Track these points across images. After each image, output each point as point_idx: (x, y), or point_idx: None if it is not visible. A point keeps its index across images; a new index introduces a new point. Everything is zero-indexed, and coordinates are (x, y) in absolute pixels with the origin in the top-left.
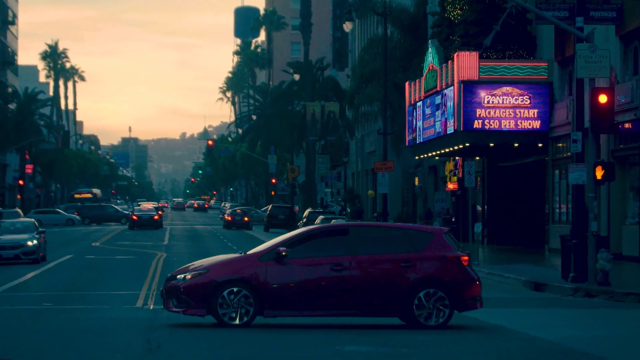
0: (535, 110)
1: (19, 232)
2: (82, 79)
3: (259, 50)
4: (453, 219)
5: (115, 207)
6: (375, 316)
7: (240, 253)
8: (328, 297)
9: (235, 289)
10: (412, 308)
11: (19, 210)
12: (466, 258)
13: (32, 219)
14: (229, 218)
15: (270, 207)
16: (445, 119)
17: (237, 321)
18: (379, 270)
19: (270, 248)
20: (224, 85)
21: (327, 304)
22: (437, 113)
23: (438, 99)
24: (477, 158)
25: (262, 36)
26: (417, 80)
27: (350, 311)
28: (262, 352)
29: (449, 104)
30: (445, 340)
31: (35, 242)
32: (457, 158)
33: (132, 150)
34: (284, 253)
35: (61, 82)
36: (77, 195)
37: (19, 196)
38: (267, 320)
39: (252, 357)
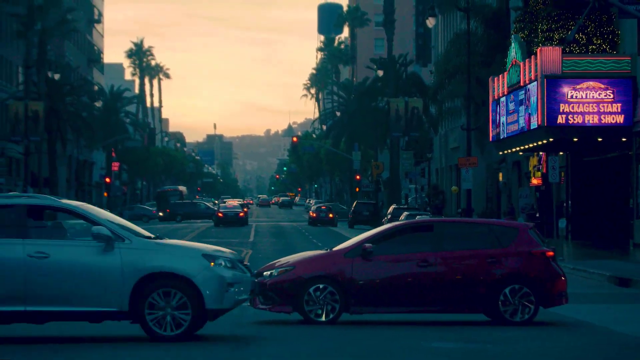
0: (619, 105)
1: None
2: (167, 76)
3: (342, 46)
4: (537, 215)
5: (207, 204)
6: (460, 312)
7: (326, 249)
8: (413, 294)
9: (321, 286)
10: (497, 304)
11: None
12: (551, 253)
13: None
14: (314, 214)
15: (354, 203)
16: (529, 114)
17: (323, 318)
18: (465, 266)
19: (356, 244)
20: (308, 81)
21: (412, 300)
22: (520, 108)
23: (521, 94)
24: (561, 153)
25: (346, 32)
26: (500, 76)
27: (436, 307)
28: (349, 347)
29: (533, 99)
30: (530, 336)
31: None
32: (540, 153)
33: (217, 147)
34: (369, 249)
35: (146, 80)
36: (163, 193)
37: (105, 194)
38: (352, 317)
39: (339, 352)
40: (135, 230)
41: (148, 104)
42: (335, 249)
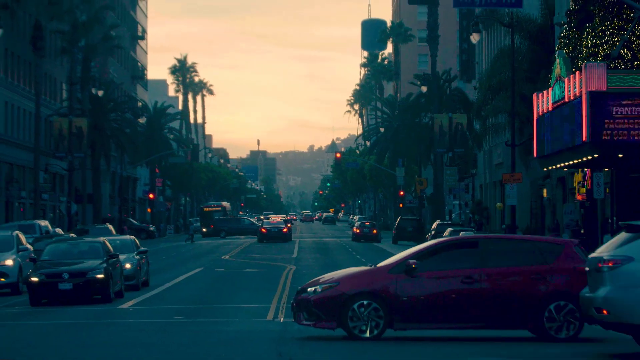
0: None
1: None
2: (211, 92)
3: (386, 62)
4: (582, 231)
5: (251, 220)
6: (504, 329)
7: (370, 266)
8: (458, 310)
9: (365, 302)
10: (542, 321)
11: (110, 226)
12: None
13: (132, 237)
14: (357, 230)
15: (398, 219)
16: (573, 130)
17: (367, 334)
18: (509, 282)
19: (400, 260)
20: (352, 97)
21: (457, 316)
22: (565, 124)
23: (566, 110)
24: (606, 169)
25: (389, 48)
26: (544, 91)
27: (480, 324)
28: None
29: (577, 115)
30: (574, 352)
31: (133, 264)
32: (585, 169)
33: (260, 163)
34: (414, 266)
35: (190, 96)
36: (206, 209)
37: (149, 210)
38: (396, 333)
39: None
40: None
41: (192, 120)
42: (379, 265)
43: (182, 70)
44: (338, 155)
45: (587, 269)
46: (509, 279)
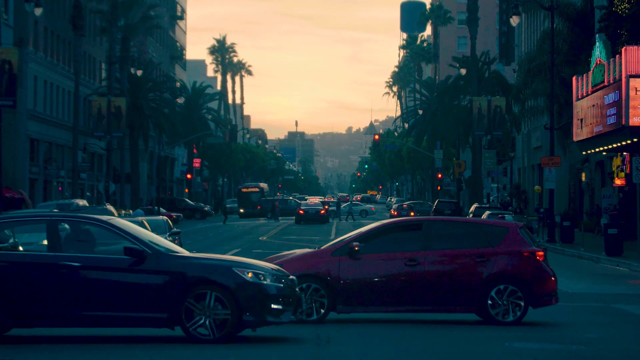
0: None
1: None
2: (250, 73)
3: (424, 44)
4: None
5: (298, 200)
6: (451, 312)
7: (316, 248)
8: (401, 293)
9: (306, 285)
10: (486, 304)
11: (110, 207)
12: (541, 253)
13: (165, 217)
14: (395, 213)
15: (436, 202)
16: (613, 114)
17: (313, 316)
18: (453, 265)
19: (344, 243)
20: (391, 79)
21: (400, 299)
22: (604, 108)
23: (605, 94)
24: None
25: (428, 30)
26: (584, 75)
27: (424, 307)
28: (431, 347)
29: (616, 98)
30: (614, 337)
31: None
32: (624, 153)
33: (298, 144)
34: (356, 248)
35: (229, 77)
36: (244, 190)
37: (186, 190)
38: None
39: (423, 352)
40: None
41: (230, 101)
42: (323, 247)
43: (221, 50)
44: (376, 137)
45: None
46: (453, 262)
